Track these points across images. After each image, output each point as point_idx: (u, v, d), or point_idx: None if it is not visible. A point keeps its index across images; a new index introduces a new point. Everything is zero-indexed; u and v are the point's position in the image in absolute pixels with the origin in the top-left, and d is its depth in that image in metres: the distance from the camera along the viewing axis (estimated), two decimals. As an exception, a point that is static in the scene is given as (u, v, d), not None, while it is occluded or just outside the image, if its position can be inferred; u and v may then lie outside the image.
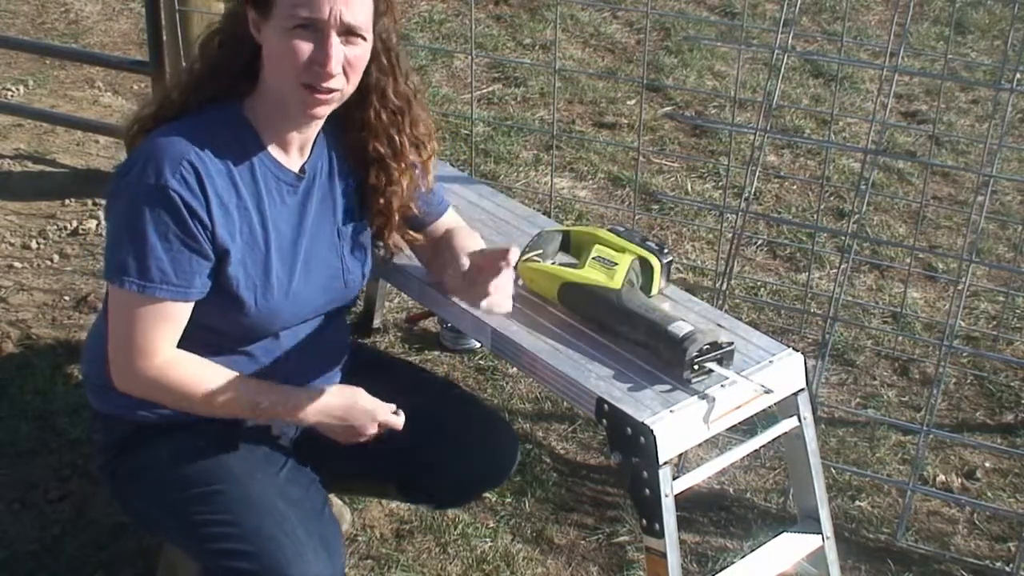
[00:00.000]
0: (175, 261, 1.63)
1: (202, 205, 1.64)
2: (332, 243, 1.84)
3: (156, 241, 1.62)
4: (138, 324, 1.66)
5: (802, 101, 4.48)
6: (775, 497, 2.52)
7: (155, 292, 1.64)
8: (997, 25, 5.31)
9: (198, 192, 1.63)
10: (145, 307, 1.65)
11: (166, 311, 1.66)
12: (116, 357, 1.70)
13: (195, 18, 3.20)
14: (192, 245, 1.64)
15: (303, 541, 1.69)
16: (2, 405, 2.66)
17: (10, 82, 4.36)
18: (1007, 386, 2.93)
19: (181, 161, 1.63)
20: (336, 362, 1.96)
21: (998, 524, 2.50)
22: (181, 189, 1.62)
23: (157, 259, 1.62)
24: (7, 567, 2.24)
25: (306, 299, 1.81)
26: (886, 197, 3.79)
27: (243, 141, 1.71)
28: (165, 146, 1.64)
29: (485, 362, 2.89)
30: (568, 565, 2.33)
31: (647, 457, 1.67)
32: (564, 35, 4.99)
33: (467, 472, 2.00)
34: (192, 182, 1.63)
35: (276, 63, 1.67)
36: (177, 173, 1.62)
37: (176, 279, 1.64)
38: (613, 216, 3.63)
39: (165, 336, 1.68)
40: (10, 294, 3.11)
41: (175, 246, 1.63)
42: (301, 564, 1.66)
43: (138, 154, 1.66)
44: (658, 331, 1.78)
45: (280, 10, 1.62)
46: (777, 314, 3.17)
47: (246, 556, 1.66)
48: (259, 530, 1.68)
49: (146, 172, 1.62)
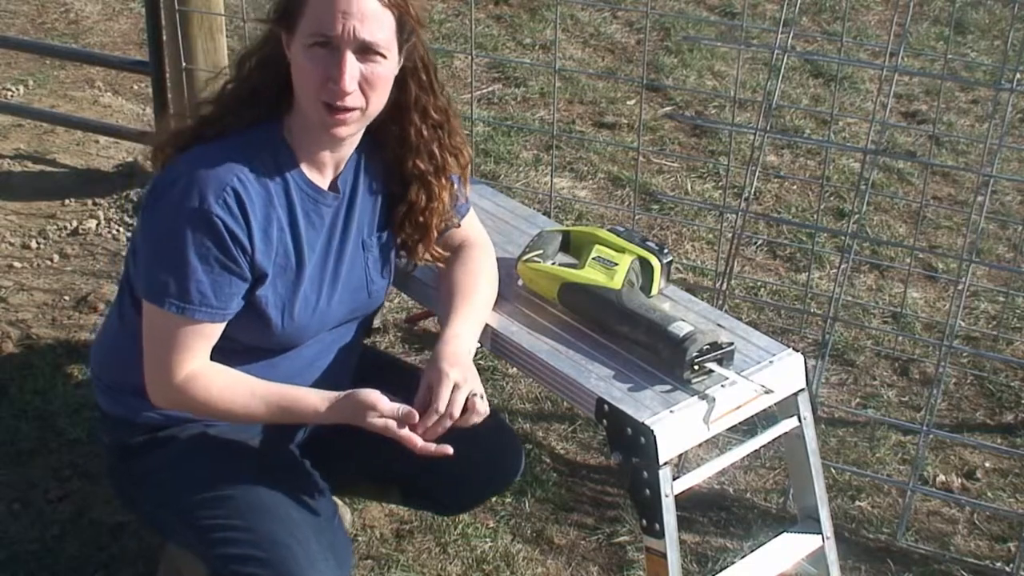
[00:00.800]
0: (215, 284, 1.65)
1: (244, 231, 1.65)
2: (358, 257, 1.84)
3: (197, 264, 1.63)
4: (175, 343, 1.67)
5: (802, 101, 4.48)
6: (775, 497, 2.52)
7: (194, 315, 1.65)
8: (997, 25, 5.31)
9: (240, 218, 1.64)
10: (183, 328, 1.67)
11: (203, 331, 1.68)
12: (153, 374, 1.71)
13: (195, 18, 3.20)
14: (233, 268, 1.65)
15: (315, 549, 1.69)
16: (2, 405, 2.66)
17: (10, 82, 4.36)
18: (1007, 386, 2.93)
19: (225, 187, 1.63)
20: (351, 363, 1.97)
21: (998, 524, 2.50)
22: (224, 215, 1.62)
23: (198, 281, 1.63)
24: (7, 567, 2.24)
25: (331, 314, 1.82)
26: (886, 197, 3.79)
27: (280, 162, 1.71)
28: (208, 169, 1.64)
29: (485, 362, 2.89)
30: (568, 565, 2.33)
31: (647, 457, 1.67)
32: (564, 35, 4.99)
33: (470, 479, 1.99)
34: (235, 208, 1.63)
35: (298, 81, 1.67)
36: (220, 199, 1.62)
37: (216, 301, 1.66)
38: (613, 216, 3.63)
39: (198, 353, 1.70)
40: (10, 294, 3.11)
41: (216, 269, 1.64)
42: (313, 573, 1.66)
43: (178, 174, 1.66)
44: (658, 331, 1.78)
45: (301, 28, 1.63)
46: (777, 314, 3.17)
47: (258, 562, 1.67)
48: (272, 536, 1.68)
49: (190, 195, 1.62)
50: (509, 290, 1.98)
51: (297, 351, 1.82)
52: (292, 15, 1.64)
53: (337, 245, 1.80)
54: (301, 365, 1.84)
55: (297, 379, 1.81)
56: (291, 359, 1.82)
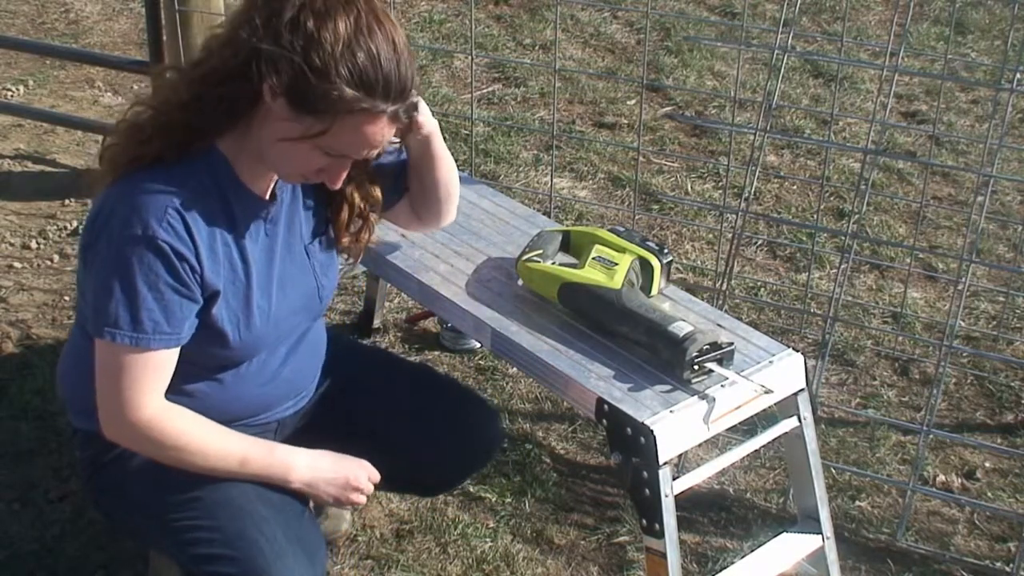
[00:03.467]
0: (166, 310, 1.62)
1: (191, 251, 1.62)
2: (303, 263, 1.83)
3: (147, 292, 1.59)
4: (128, 376, 1.64)
5: (802, 101, 4.48)
6: (775, 497, 2.52)
7: (149, 344, 1.62)
8: (997, 25, 5.31)
9: (186, 238, 1.61)
10: (136, 358, 1.63)
11: (157, 360, 1.65)
12: (106, 409, 1.68)
13: (195, 18, 3.20)
14: (183, 291, 1.63)
15: (283, 544, 1.69)
16: (2, 405, 2.66)
17: (10, 82, 4.36)
18: (1007, 386, 2.93)
19: (166, 209, 1.59)
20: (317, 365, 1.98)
21: (998, 524, 2.50)
22: (170, 237, 1.59)
23: (149, 310, 1.60)
24: (7, 567, 2.24)
25: (285, 321, 1.82)
26: (886, 197, 3.79)
27: (217, 175, 1.68)
28: (145, 195, 1.60)
29: (485, 362, 2.89)
30: (568, 565, 2.33)
31: (647, 457, 1.67)
32: (564, 35, 4.99)
33: (445, 456, 2.00)
34: (180, 229, 1.60)
35: (283, 156, 1.64)
36: (164, 222, 1.59)
37: (168, 327, 1.63)
38: (613, 216, 3.63)
39: (155, 385, 1.66)
40: (10, 294, 3.11)
41: (166, 295, 1.61)
42: (282, 567, 1.67)
43: (116, 203, 1.62)
44: (658, 331, 1.78)
45: (313, 127, 1.58)
46: (777, 314, 3.17)
47: (227, 560, 1.68)
48: (240, 534, 1.69)
49: (130, 223, 1.58)
50: (509, 290, 1.98)
51: (261, 361, 1.82)
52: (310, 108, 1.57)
53: (281, 251, 1.78)
54: (268, 374, 1.84)
55: (269, 387, 1.83)
56: (257, 369, 1.82)
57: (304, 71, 1.54)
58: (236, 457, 1.73)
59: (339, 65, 1.55)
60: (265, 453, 1.76)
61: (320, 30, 1.54)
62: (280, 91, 1.56)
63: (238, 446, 1.74)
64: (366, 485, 1.83)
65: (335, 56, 1.54)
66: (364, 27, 1.56)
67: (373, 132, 1.60)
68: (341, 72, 1.55)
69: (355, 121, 1.57)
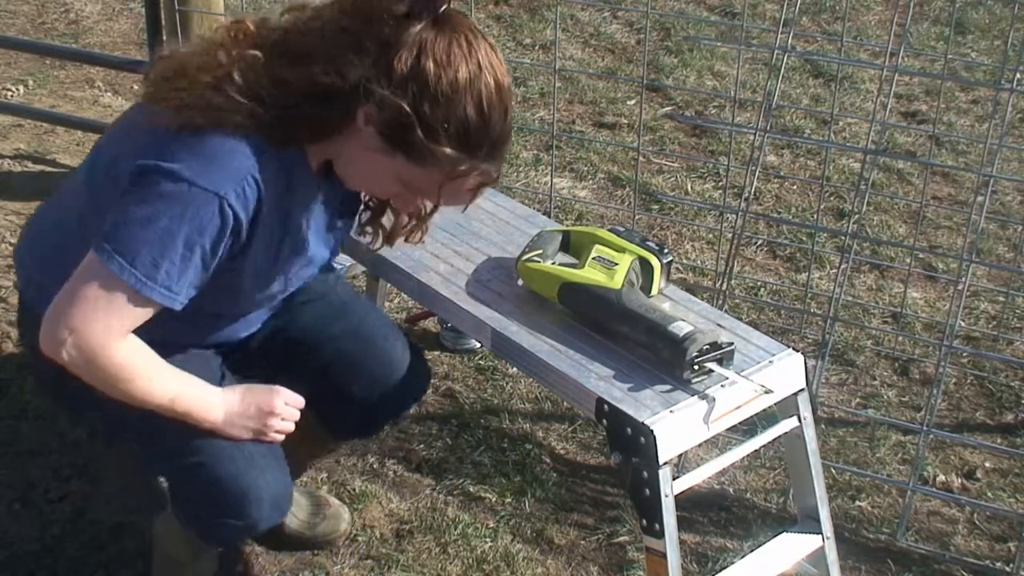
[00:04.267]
0: (184, 273, 1.55)
1: (248, 224, 1.57)
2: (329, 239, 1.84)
3: (181, 248, 1.52)
4: (108, 311, 1.55)
5: (802, 101, 4.48)
6: (775, 497, 2.52)
7: (150, 293, 1.55)
8: (997, 25, 5.31)
9: (251, 211, 1.56)
10: (127, 298, 1.54)
11: (144, 312, 1.58)
12: (60, 324, 1.56)
13: (195, 18, 3.20)
14: (208, 262, 1.57)
15: (253, 454, 1.75)
16: (2, 405, 2.66)
17: (10, 82, 4.36)
18: (1007, 386, 2.93)
19: (246, 176, 1.53)
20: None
21: (998, 524, 2.50)
22: (238, 206, 1.53)
23: (171, 263, 1.53)
24: (7, 567, 2.24)
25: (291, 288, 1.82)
26: (886, 197, 3.79)
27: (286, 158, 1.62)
28: (231, 156, 1.53)
29: (485, 362, 2.89)
30: (568, 565, 2.33)
31: (647, 457, 1.67)
32: (564, 35, 4.99)
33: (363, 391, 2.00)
34: (251, 201, 1.55)
35: (360, 174, 1.64)
36: (240, 187, 1.53)
37: (175, 289, 1.57)
38: (613, 216, 3.63)
39: (126, 329, 1.59)
40: (10, 294, 3.10)
41: (195, 259, 1.55)
42: (253, 472, 1.73)
43: (195, 148, 1.53)
44: (658, 331, 1.78)
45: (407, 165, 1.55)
46: (777, 314, 3.17)
47: (202, 467, 1.72)
48: (211, 441, 1.72)
49: (206, 175, 1.51)
50: (509, 290, 1.98)
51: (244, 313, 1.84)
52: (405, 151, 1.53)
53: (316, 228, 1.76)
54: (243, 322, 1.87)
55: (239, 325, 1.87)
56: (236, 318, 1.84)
57: (412, 122, 1.49)
58: (169, 395, 1.68)
59: (450, 123, 1.50)
60: (197, 392, 1.72)
61: (439, 82, 1.48)
62: (376, 126, 1.52)
63: (173, 384, 1.68)
64: (284, 410, 1.79)
65: (447, 114, 1.50)
66: (484, 82, 1.52)
67: (460, 184, 1.59)
68: (450, 131, 1.51)
69: (447, 174, 1.56)
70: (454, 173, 1.57)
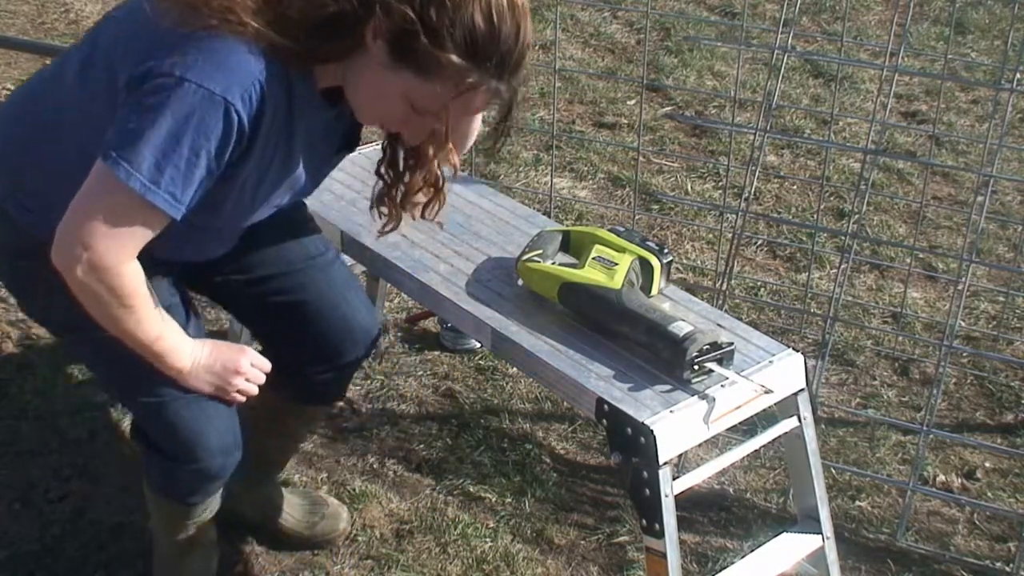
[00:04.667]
0: (188, 179, 1.50)
1: (250, 132, 1.52)
2: (325, 166, 1.82)
3: (187, 152, 1.47)
4: (119, 220, 1.51)
5: (802, 101, 4.49)
6: (775, 497, 2.52)
7: (154, 199, 1.49)
8: (997, 25, 5.31)
9: (254, 119, 1.51)
10: (134, 205, 1.50)
11: (152, 219, 1.53)
12: (73, 236, 1.52)
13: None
14: (212, 169, 1.51)
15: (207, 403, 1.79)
16: (2, 405, 2.66)
17: (10, 82, 4.36)
18: (1007, 386, 2.93)
19: (253, 83, 1.48)
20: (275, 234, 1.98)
21: (998, 524, 2.50)
22: (244, 111, 1.48)
23: (175, 168, 1.48)
24: (7, 567, 2.24)
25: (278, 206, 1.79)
26: (886, 197, 3.79)
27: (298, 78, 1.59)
28: (237, 59, 1.48)
29: (485, 362, 2.89)
30: (568, 565, 2.33)
31: (647, 457, 1.67)
32: (564, 35, 4.99)
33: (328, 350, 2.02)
34: (255, 107, 1.50)
35: (368, 97, 1.59)
36: (246, 92, 1.48)
37: (180, 197, 1.51)
38: (613, 216, 3.63)
39: (136, 244, 1.55)
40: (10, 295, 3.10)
41: (200, 165, 1.49)
42: (203, 419, 1.79)
43: (202, 50, 1.47)
44: (658, 331, 1.78)
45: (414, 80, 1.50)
46: (777, 314, 3.17)
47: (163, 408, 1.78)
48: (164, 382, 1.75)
49: (213, 78, 1.46)
50: (509, 290, 1.98)
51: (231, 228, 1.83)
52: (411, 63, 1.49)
53: (310, 151, 1.71)
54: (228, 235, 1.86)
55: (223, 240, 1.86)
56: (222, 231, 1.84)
57: (416, 26, 1.46)
58: (155, 333, 1.66)
59: (456, 28, 1.46)
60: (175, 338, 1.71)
61: None
62: (384, 36, 1.49)
63: (159, 325, 1.66)
64: (249, 370, 1.79)
65: (453, 18, 1.46)
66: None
67: (468, 101, 1.54)
68: (456, 37, 1.47)
69: (454, 87, 1.51)
70: (462, 86, 1.51)
